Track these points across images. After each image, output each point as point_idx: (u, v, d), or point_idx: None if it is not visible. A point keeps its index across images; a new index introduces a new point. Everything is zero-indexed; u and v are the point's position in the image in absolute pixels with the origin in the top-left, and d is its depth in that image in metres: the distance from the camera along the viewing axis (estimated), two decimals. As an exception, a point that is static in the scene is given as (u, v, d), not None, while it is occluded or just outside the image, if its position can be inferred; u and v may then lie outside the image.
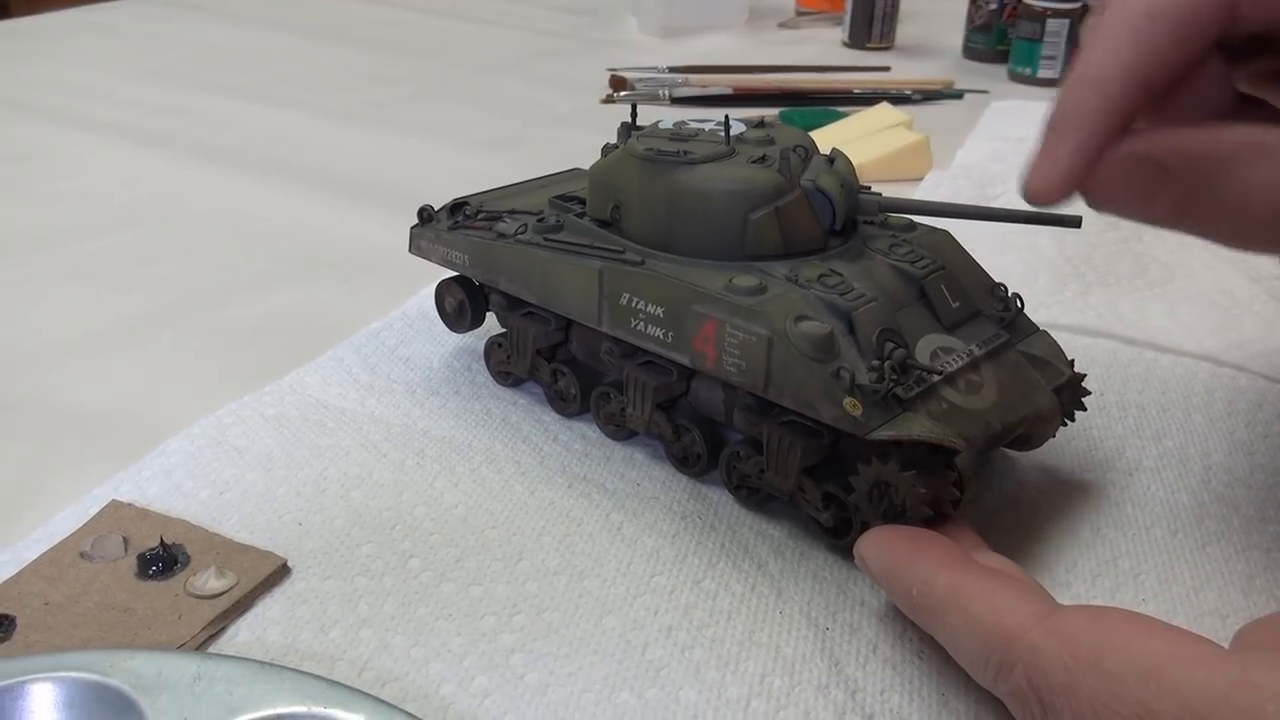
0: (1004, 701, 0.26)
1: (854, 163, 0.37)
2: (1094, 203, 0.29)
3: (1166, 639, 0.23)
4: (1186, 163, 0.27)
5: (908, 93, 0.87)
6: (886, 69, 0.97)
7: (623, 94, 0.87)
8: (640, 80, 0.90)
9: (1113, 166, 0.28)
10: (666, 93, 0.87)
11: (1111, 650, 0.23)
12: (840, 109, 0.81)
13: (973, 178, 0.66)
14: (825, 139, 0.70)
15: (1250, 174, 0.26)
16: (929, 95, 0.88)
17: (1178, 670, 0.22)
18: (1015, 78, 0.93)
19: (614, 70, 0.91)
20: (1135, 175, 0.28)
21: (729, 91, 0.87)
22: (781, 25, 1.15)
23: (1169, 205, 0.28)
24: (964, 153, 0.72)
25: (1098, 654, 0.23)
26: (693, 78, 0.90)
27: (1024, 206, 0.32)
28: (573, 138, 0.76)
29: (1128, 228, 0.59)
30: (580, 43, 1.06)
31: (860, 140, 0.69)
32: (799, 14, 1.17)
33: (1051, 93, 0.29)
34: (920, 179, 0.66)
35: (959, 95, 0.89)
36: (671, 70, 0.93)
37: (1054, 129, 0.29)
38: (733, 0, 1.13)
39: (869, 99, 0.84)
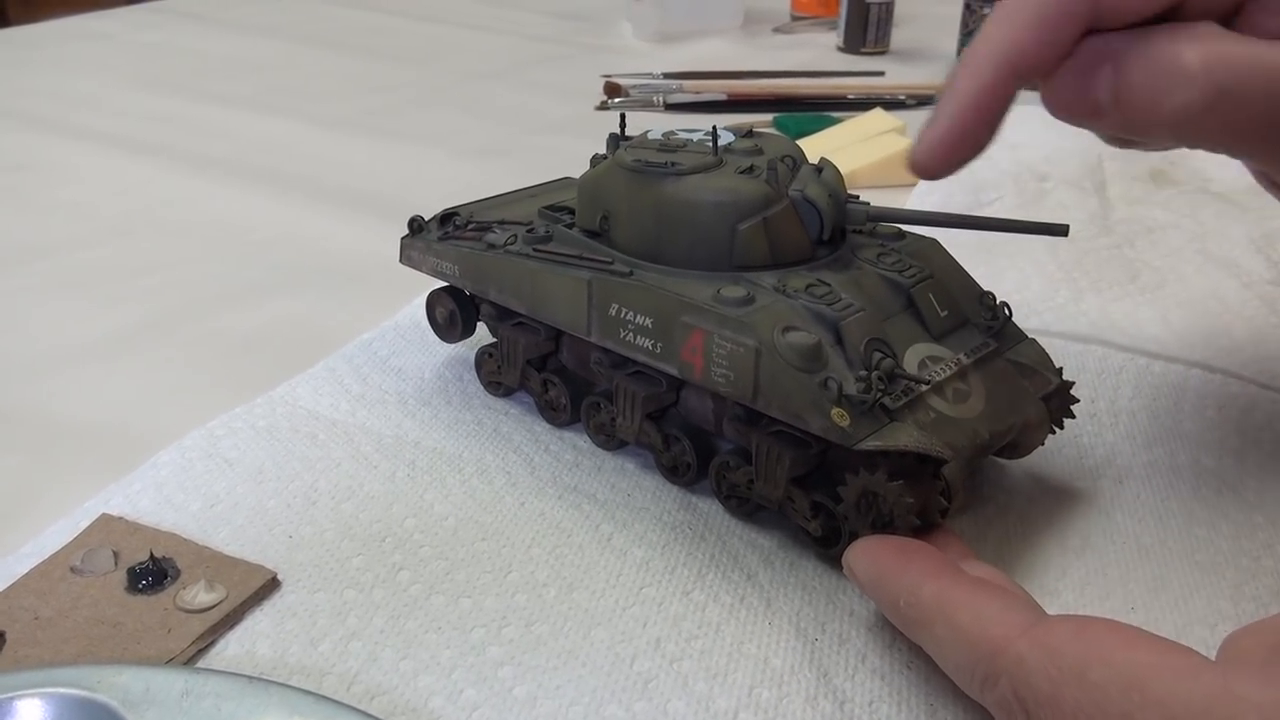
0: (990, 711, 0.26)
1: (847, 169, 0.38)
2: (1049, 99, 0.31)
3: (1150, 650, 0.23)
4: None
5: (902, 98, 0.87)
6: (881, 74, 0.97)
7: (617, 100, 0.88)
8: (634, 86, 0.90)
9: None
10: (661, 99, 0.87)
11: (1095, 661, 0.23)
12: (834, 114, 0.81)
13: (965, 184, 0.66)
14: (818, 145, 0.70)
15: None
16: (923, 100, 0.88)
17: (1160, 681, 0.22)
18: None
19: (608, 76, 0.91)
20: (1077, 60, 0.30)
21: (723, 97, 0.87)
22: (776, 30, 1.15)
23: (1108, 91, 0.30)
24: (957, 158, 0.72)
25: (1082, 665, 0.23)
26: (687, 84, 0.91)
27: (1016, 211, 0.32)
28: (567, 145, 0.76)
29: (1120, 233, 0.59)
30: (574, 49, 1.06)
31: (853, 146, 0.69)
32: (794, 19, 1.18)
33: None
34: (913, 185, 0.66)
35: (953, 100, 0.89)
36: (666, 76, 0.93)
37: (938, 108, 0.31)
38: (727, 5, 1.13)
39: (863, 104, 0.84)
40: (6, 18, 2.18)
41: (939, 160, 0.31)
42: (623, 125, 0.40)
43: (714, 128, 0.37)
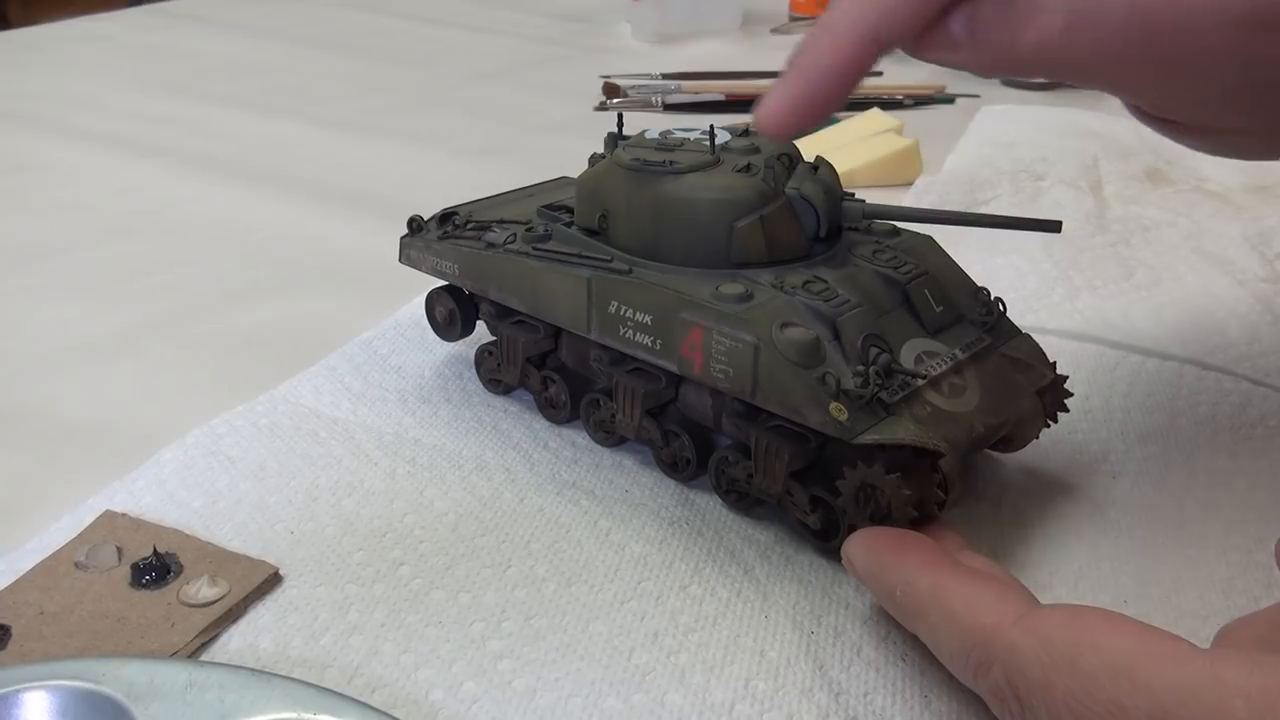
0: (984, 699, 0.26)
1: (844, 168, 0.38)
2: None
3: (1140, 637, 0.23)
4: None
5: (899, 97, 0.88)
6: (878, 74, 0.97)
7: (616, 101, 0.88)
8: (633, 87, 0.90)
9: None
10: (659, 99, 0.88)
11: (1086, 648, 0.23)
12: (831, 114, 0.82)
13: (962, 183, 0.66)
14: (816, 145, 0.70)
15: None
16: (920, 100, 0.89)
17: (1149, 668, 0.22)
18: (1007, 82, 0.94)
19: (607, 77, 0.92)
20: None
21: (722, 98, 0.88)
22: (774, 31, 1.15)
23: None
24: (954, 158, 0.72)
25: (1073, 652, 0.24)
26: (686, 84, 0.91)
27: (1013, 210, 0.33)
28: (566, 145, 0.77)
29: (1115, 232, 0.59)
30: (574, 50, 1.07)
31: (850, 146, 0.69)
32: (792, 19, 1.18)
33: (1043, 96, 0.31)
34: (910, 184, 0.67)
35: (950, 100, 0.89)
36: (665, 77, 0.93)
37: (792, 69, 0.31)
38: (726, 6, 1.13)
39: (860, 104, 0.84)
40: (7, 19, 2.18)
41: (788, 125, 0.31)
42: (620, 124, 0.40)
43: (711, 127, 0.38)
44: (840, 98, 0.31)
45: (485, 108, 0.87)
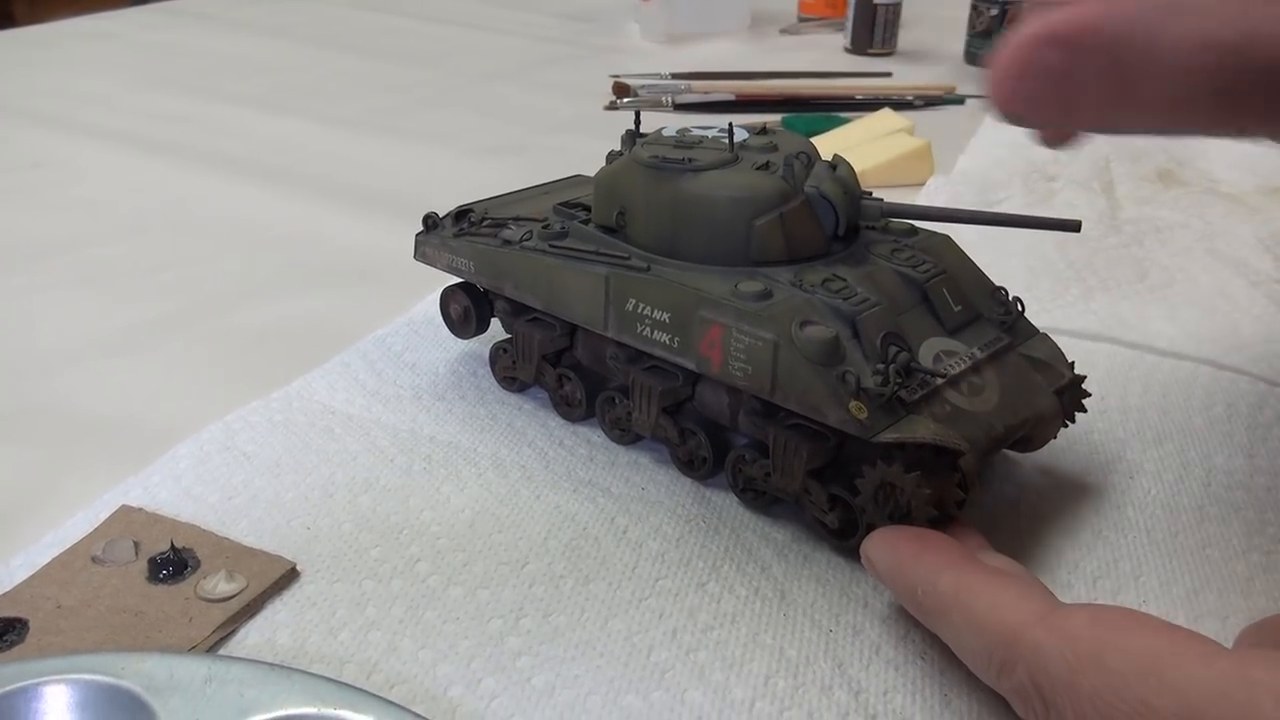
0: (1007, 699, 0.26)
1: (856, 168, 0.38)
2: (1005, 107, 0.27)
3: (1166, 636, 0.23)
4: (1095, 36, 0.25)
5: (910, 98, 0.88)
6: (888, 75, 0.98)
7: (625, 100, 0.88)
8: (643, 87, 0.90)
9: (1019, 60, 0.26)
10: (669, 99, 0.88)
11: (1112, 648, 0.23)
12: (842, 115, 0.82)
13: (974, 183, 0.66)
14: (827, 145, 0.70)
15: (1168, 28, 0.25)
16: (931, 101, 0.89)
17: (1176, 666, 0.22)
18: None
19: (617, 77, 0.91)
20: (1045, 62, 0.26)
21: (731, 98, 0.88)
22: (783, 31, 1.15)
23: (1094, 92, 0.26)
24: (965, 158, 0.72)
25: (1099, 651, 0.24)
26: (695, 84, 0.91)
27: (1024, 211, 0.32)
28: (576, 144, 0.77)
29: (1128, 233, 0.59)
30: (583, 49, 1.07)
31: (862, 146, 0.69)
32: (801, 20, 1.18)
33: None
34: (922, 184, 0.67)
35: (960, 101, 0.89)
36: (674, 76, 0.93)
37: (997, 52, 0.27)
38: (735, 6, 1.13)
39: (871, 105, 0.84)
40: (13, 18, 2.18)
41: (1012, 89, 0.26)
42: (638, 122, 0.40)
43: (730, 124, 0.38)
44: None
45: (495, 107, 0.87)
